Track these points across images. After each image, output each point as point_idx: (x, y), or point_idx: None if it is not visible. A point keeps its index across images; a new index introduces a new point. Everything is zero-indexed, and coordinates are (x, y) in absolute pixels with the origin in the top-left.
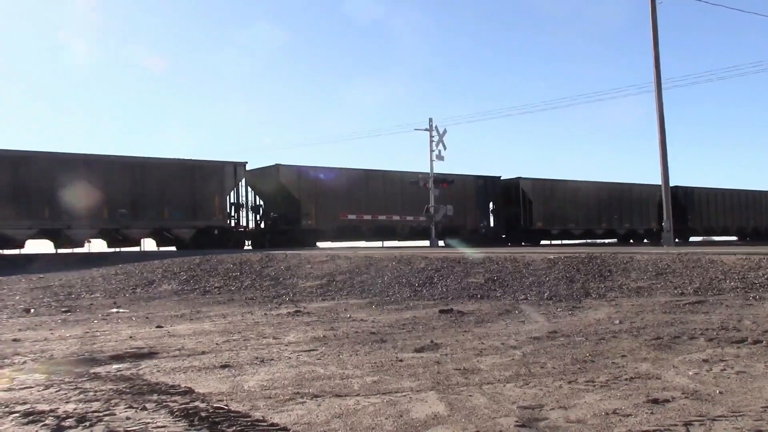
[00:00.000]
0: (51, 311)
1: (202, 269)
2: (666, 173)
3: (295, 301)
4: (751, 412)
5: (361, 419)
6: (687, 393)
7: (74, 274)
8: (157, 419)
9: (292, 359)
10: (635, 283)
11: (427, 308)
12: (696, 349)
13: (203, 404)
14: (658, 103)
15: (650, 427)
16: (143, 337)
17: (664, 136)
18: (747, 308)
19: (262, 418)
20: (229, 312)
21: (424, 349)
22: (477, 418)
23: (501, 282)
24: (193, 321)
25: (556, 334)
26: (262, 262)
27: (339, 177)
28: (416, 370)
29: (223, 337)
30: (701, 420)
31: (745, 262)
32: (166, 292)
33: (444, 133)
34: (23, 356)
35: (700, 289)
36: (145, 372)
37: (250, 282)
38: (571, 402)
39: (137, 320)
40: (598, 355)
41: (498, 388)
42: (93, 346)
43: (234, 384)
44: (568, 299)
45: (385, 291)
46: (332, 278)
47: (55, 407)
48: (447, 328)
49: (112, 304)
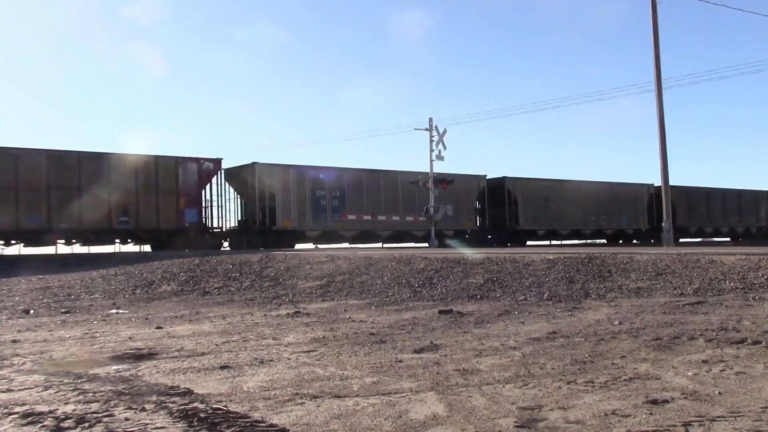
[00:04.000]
0: (50, 312)
1: (202, 270)
2: (666, 173)
3: (294, 302)
4: (751, 412)
5: (360, 420)
6: (686, 393)
7: (74, 275)
8: (157, 420)
9: (291, 360)
10: (635, 284)
11: (426, 309)
12: (695, 350)
13: (202, 405)
14: (658, 103)
15: (649, 427)
16: (142, 338)
17: (664, 136)
18: (746, 309)
19: (262, 419)
20: (228, 313)
21: (424, 350)
22: (476, 419)
23: (500, 282)
24: (192, 322)
25: (556, 334)
26: (261, 263)
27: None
28: (416, 370)
29: (222, 338)
30: (700, 420)
31: (744, 263)
32: (165, 293)
33: (444, 132)
34: (22, 357)
35: (699, 289)
36: (145, 373)
37: (250, 283)
38: (570, 403)
39: (137, 321)
40: (598, 356)
41: (497, 388)
42: (92, 347)
43: (233, 385)
44: (567, 300)
45: (385, 292)
46: (332, 279)
47: (54, 408)
48: (446, 328)
49: (111, 305)
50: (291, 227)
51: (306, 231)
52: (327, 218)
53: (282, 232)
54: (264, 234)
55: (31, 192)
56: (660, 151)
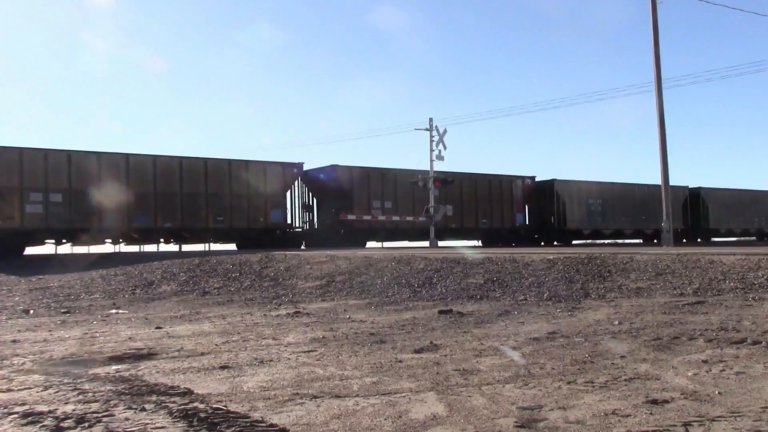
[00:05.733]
0: (50, 312)
1: (202, 270)
2: (666, 173)
3: (294, 302)
4: (750, 412)
5: (360, 420)
6: (686, 393)
7: (73, 275)
8: (156, 420)
9: (291, 360)
10: (635, 284)
11: (426, 309)
12: (695, 350)
13: (202, 405)
14: (659, 103)
15: (649, 427)
16: (142, 338)
17: (664, 136)
18: (746, 309)
19: (261, 419)
20: (228, 313)
21: (424, 350)
22: (476, 419)
23: (500, 283)
24: (192, 322)
25: (556, 334)
26: (261, 263)
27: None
28: (415, 370)
29: (222, 338)
30: (700, 420)
31: (744, 263)
32: (165, 293)
33: (444, 132)
34: (22, 357)
35: (699, 289)
36: (144, 373)
37: (250, 283)
38: (570, 403)
39: (136, 321)
40: (598, 356)
41: (497, 388)
42: (92, 347)
43: (233, 385)
44: (567, 300)
45: (385, 292)
46: (332, 279)
47: (53, 408)
48: (446, 328)
49: (111, 305)
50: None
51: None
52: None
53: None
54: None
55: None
56: (660, 151)
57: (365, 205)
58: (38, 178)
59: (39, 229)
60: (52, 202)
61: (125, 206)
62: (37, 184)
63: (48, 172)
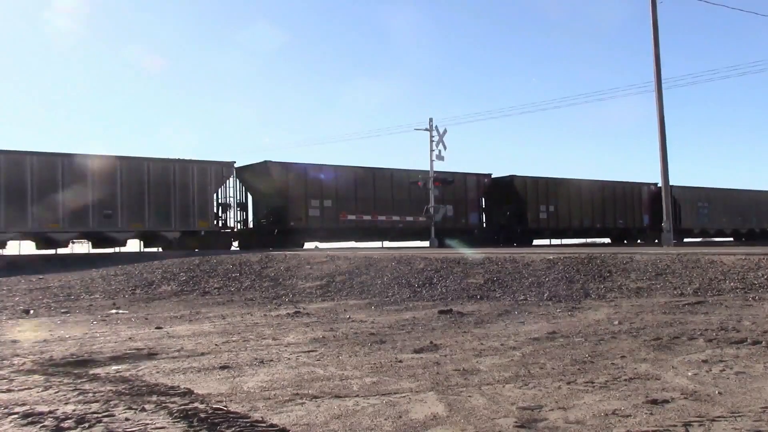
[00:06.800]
0: (50, 312)
1: (202, 270)
2: (666, 173)
3: (294, 302)
4: (751, 412)
5: (360, 420)
6: (686, 393)
7: (73, 275)
8: (157, 420)
9: (291, 360)
10: (635, 284)
11: (426, 309)
12: (695, 350)
13: (202, 405)
14: (659, 103)
15: (649, 427)
16: (142, 338)
17: (664, 136)
18: (746, 309)
19: (262, 419)
20: (228, 313)
21: (424, 350)
22: (476, 419)
23: (500, 283)
24: (192, 322)
25: (556, 334)
26: (261, 263)
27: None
28: (415, 370)
29: (222, 338)
30: (700, 420)
31: (744, 263)
32: (165, 293)
33: (444, 132)
34: (23, 357)
35: (699, 289)
36: (145, 373)
37: (250, 283)
38: (570, 403)
39: (136, 321)
40: (598, 356)
41: (497, 388)
42: (92, 347)
43: (233, 385)
44: (567, 300)
45: (385, 292)
46: (332, 279)
47: (54, 408)
48: (446, 328)
49: (111, 305)
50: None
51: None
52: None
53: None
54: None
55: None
56: (660, 151)
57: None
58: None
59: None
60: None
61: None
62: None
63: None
